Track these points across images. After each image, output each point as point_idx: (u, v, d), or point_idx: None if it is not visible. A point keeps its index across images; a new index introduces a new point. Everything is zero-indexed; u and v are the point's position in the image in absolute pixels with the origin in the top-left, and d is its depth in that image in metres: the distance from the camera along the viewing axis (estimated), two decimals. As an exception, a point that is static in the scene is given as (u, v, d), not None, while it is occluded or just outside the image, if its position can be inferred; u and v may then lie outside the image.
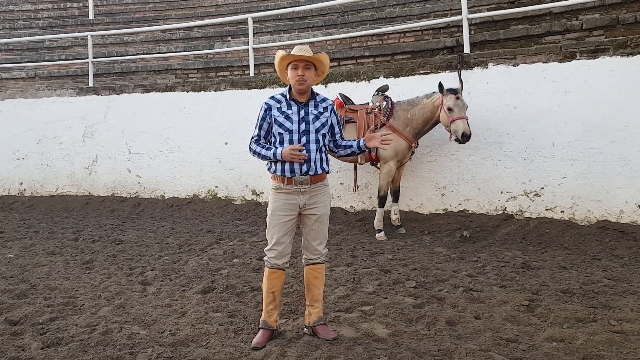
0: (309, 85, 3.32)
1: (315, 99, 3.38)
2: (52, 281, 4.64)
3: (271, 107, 3.35)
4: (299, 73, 3.26)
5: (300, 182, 3.27)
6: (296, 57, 3.27)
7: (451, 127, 5.81)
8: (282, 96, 3.39)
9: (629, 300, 3.82)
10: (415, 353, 3.05)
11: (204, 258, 5.41)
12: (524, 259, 5.05)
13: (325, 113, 3.37)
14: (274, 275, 3.36)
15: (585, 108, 5.95)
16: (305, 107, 3.33)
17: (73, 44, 11.91)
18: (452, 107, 5.78)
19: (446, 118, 5.85)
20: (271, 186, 3.38)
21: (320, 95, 3.44)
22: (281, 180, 3.30)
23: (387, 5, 10.15)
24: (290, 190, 3.29)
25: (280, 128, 3.29)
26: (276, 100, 3.38)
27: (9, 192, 9.63)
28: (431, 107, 6.09)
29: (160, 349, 3.17)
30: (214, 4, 12.51)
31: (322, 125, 3.34)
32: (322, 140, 3.33)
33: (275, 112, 3.32)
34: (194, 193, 8.52)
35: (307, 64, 3.28)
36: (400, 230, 6.48)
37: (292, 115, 3.30)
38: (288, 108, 3.33)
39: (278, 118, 3.31)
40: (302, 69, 3.26)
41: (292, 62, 3.31)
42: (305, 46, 3.35)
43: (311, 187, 3.30)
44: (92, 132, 9.20)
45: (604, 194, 5.83)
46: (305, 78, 3.26)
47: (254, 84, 8.23)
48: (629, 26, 6.68)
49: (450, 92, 5.83)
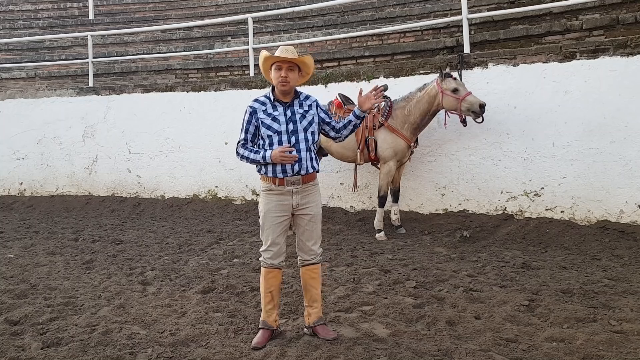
0: (292, 87, 3.31)
1: (299, 98, 3.38)
2: (52, 281, 4.64)
3: (256, 110, 3.32)
4: (282, 74, 3.24)
5: (293, 183, 3.26)
6: (279, 58, 3.26)
7: (462, 105, 5.87)
8: (266, 98, 3.37)
9: (629, 300, 3.82)
10: (415, 353, 3.05)
11: (204, 258, 5.41)
12: (524, 259, 5.05)
13: (311, 110, 3.36)
14: (271, 275, 3.35)
15: (585, 108, 5.95)
16: (291, 107, 3.32)
17: (73, 44, 11.91)
18: (457, 87, 5.92)
19: (454, 100, 5.91)
20: (261, 187, 3.36)
21: (303, 93, 3.43)
22: (272, 182, 3.28)
23: (387, 5, 10.14)
24: (282, 191, 3.27)
25: (269, 130, 3.27)
26: (260, 102, 3.35)
27: (9, 192, 9.63)
28: (427, 99, 6.11)
29: (160, 349, 3.17)
30: (214, 4, 12.50)
31: (309, 123, 3.33)
32: (311, 138, 3.33)
33: (261, 115, 3.30)
34: (194, 193, 8.52)
35: (290, 65, 3.27)
36: (400, 230, 6.48)
37: (279, 117, 3.28)
38: (274, 109, 3.31)
39: (265, 120, 3.28)
40: (285, 70, 3.25)
41: (275, 62, 3.29)
42: (290, 47, 3.33)
43: (303, 187, 3.29)
44: (92, 132, 9.20)
45: (604, 194, 5.83)
46: (288, 80, 3.25)
47: (254, 84, 8.23)
48: (629, 26, 6.68)
49: (447, 76, 6.00)
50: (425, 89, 6.18)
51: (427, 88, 6.15)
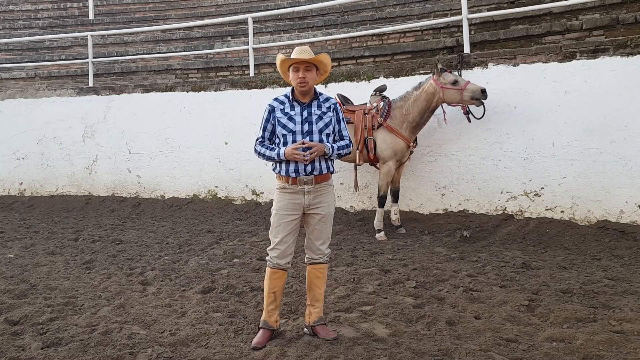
0: (311, 87, 3.32)
1: (319, 99, 3.38)
2: (52, 281, 4.64)
3: (274, 108, 3.36)
4: (300, 75, 3.26)
5: (305, 182, 3.27)
6: (296, 60, 3.27)
7: (465, 95, 5.91)
8: (285, 97, 3.39)
9: (629, 300, 3.82)
10: (415, 353, 3.05)
11: (204, 258, 5.41)
12: (524, 259, 5.05)
13: (329, 113, 3.36)
14: (276, 276, 3.36)
15: (585, 108, 5.95)
16: (309, 108, 3.33)
17: (73, 44, 11.91)
18: (456, 79, 6.00)
19: (455, 92, 5.96)
20: (276, 186, 3.39)
21: (323, 94, 3.44)
22: (286, 180, 3.30)
23: (387, 5, 10.15)
24: (294, 190, 3.29)
25: (284, 129, 3.30)
26: (279, 101, 3.38)
27: (9, 192, 9.63)
28: (425, 96, 6.13)
29: (160, 349, 3.17)
30: (214, 4, 12.51)
31: (325, 125, 3.34)
32: (325, 140, 3.33)
33: (279, 114, 3.33)
34: (194, 193, 8.52)
35: (308, 65, 3.28)
36: (400, 230, 6.48)
37: (295, 117, 3.31)
38: (291, 109, 3.33)
39: (281, 119, 3.31)
40: (303, 70, 3.26)
41: (293, 64, 3.31)
42: (305, 47, 3.34)
43: (316, 187, 3.30)
44: (92, 132, 9.20)
45: (604, 194, 5.83)
46: (306, 80, 3.27)
47: (254, 84, 8.23)
48: (629, 26, 6.68)
49: (442, 70, 6.07)
50: (422, 87, 6.20)
51: (424, 86, 6.18)
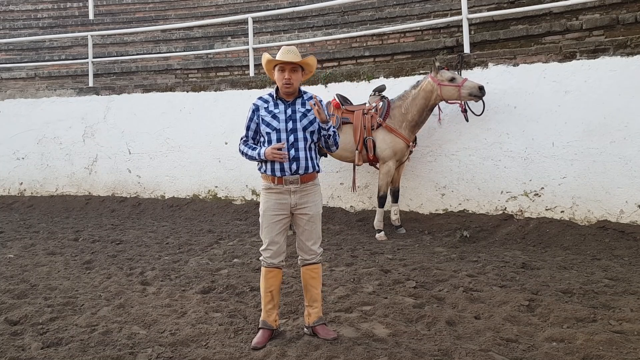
0: (296, 88, 3.34)
1: (302, 97, 3.39)
2: (52, 281, 4.64)
3: (259, 107, 3.38)
4: (286, 76, 3.27)
5: (291, 182, 3.28)
6: (282, 62, 3.27)
7: (462, 91, 5.94)
8: (269, 96, 3.41)
9: (629, 300, 3.82)
10: (415, 353, 3.05)
11: (204, 258, 5.41)
12: (524, 259, 5.05)
13: (312, 110, 3.36)
14: (271, 274, 3.36)
15: (585, 108, 5.95)
16: (292, 106, 3.35)
17: (73, 44, 11.91)
18: (453, 76, 6.03)
19: (453, 88, 5.98)
20: (262, 186, 3.39)
21: (307, 93, 3.45)
22: (271, 180, 3.31)
23: (387, 5, 10.15)
24: (280, 190, 3.29)
25: (268, 127, 3.31)
26: (264, 100, 3.40)
27: (9, 192, 9.63)
28: (423, 94, 6.14)
29: (160, 349, 3.17)
30: (214, 4, 12.50)
31: (309, 122, 3.35)
32: (310, 138, 3.34)
33: (263, 112, 3.35)
34: (194, 193, 8.52)
35: (294, 66, 3.29)
36: (400, 230, 6.48)
37: (279, 114, 3.32)
38: (275, 107, 3.35)
39: (265, 118, 3.33)
40: (288, 71, 3.28)
41: (278, 64, 3.31)
42: (292, 47, 3.34)
43: (302, 187, 3.30)
44: (92, 132, 9.20)
45: (604, 194, 5.83)
46: (292, 81, 3.28)
47: (254, 84, 8.23)
48: (629, 26, 6.68)
49: (440, 68, 6.10)
50: (419, 86, 6.21)
51: (422, 84, 6.19)
